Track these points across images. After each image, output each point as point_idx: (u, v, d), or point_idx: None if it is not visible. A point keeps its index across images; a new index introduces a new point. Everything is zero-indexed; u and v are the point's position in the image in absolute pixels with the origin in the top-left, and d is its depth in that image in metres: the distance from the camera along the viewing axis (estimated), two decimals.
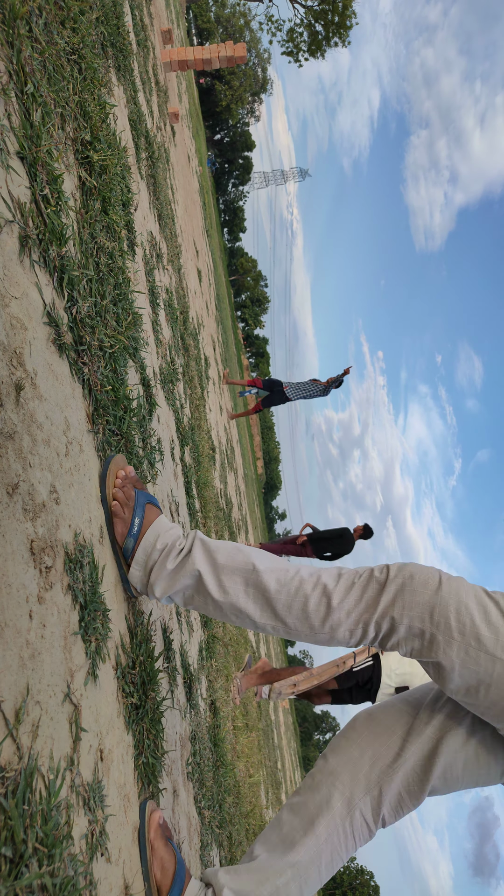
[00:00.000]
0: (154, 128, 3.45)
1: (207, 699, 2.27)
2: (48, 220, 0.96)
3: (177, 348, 2.93)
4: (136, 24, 3.18)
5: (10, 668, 0.63)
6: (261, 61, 42.01)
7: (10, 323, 0.79)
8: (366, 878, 63.67)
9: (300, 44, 19.84)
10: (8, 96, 0.90)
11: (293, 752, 23.40)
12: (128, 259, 1.71)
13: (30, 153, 0.94)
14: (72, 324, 1.03)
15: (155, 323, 2.27)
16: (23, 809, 0.59)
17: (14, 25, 0.96)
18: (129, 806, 0.98)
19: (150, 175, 2.78)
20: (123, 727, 1.01)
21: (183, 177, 5.99)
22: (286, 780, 10.98)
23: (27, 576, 0.71)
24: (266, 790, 4.98)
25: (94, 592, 0.93)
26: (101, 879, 0.80)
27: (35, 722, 0.67)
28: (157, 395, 2.03)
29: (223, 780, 2.24)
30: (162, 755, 1.21)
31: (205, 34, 38.69)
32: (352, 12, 18.03)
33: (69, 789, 0.73)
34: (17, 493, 0.72)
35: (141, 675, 1.13)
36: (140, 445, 1.52)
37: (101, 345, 1.19)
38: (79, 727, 0.79)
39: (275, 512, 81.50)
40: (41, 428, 0.83)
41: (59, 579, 0.81)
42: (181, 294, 3.73)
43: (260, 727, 5.28)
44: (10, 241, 0.83)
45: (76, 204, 1.22)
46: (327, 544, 5.43)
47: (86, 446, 1.04)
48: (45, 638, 0.73)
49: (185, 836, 1.46)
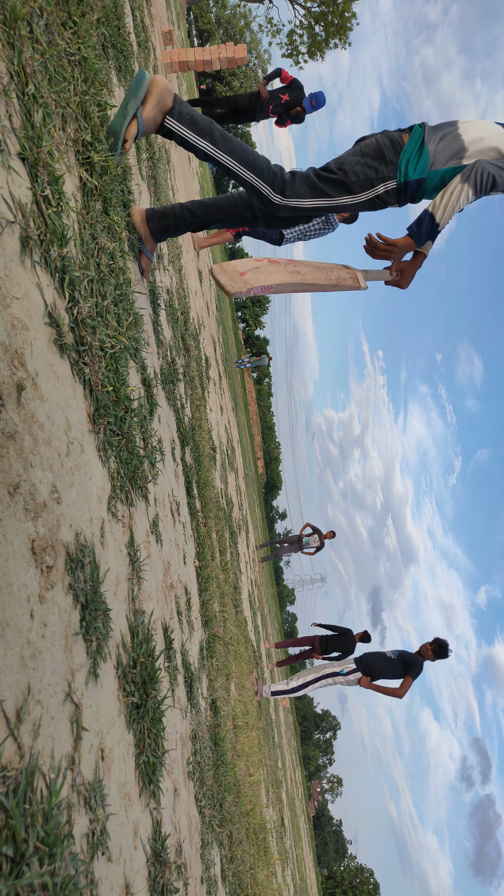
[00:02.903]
0: None
1: (208, 698, 2.27)
2: (49, 220, 0.97)
3: (177, 349, 2.93)
4: (137, 26, 3.18)
5: (11, 667, 0.63)
6: (261, 62, 42.04)
7: (12, 323, 0.79)
8: (365, 877, 63.67)
9: (299, 46, 19.85)
10: (9, 97, 0.91)
11: (293, 750, 23.41)
12: (128, 260, 1.71)
13: (31, 154, 0.94)
14: (73, 324, 1.04)
15: (156, 323, 2.27)
16: (24, 808, 0.60)
17: (15, 26, 0.97)
18: (129, 805, 0.98)
19: (150, 176, 2.78)
20: (124, 726, 1.01)
21: (184, 178, 5.99)
22: (286, 779, 10.98)
23: (28, 575, 0.71)
24: (266, 789, 4.98)
25: (95, 592, 0.93)
26: (102, 878, 0.80)
27: (36, 721, 0.67)
28: (158, 395, 2.03)
29: (223, 779, 2.24)
30: (162, 754, 1.21)
31: (205, 35, 38.70)
32: (352, 14, 18.02)
33: (70, 788, 0.73)
34: (19, 493, 0.72)
35: (142, 674, 1.13)
36: (141, 445, 1.52)
37: (102, 345, 1.19)
38: (80, 726, 0.79)
39: (275, 512, 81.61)
40: (42, 428, 0.83)
41: (60, 579, 0.81)
42: (182, 294, 3.73)
43: (260, 726, 5.28)
44: (11, 241, 0.84)
45: (77, 205, 1.22)
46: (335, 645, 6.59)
47: (87, 446, 1.04)
48: (46, 637, 0.73)
49: (186, 834, 1.46)
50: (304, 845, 21.22)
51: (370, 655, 5.25)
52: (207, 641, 2.48)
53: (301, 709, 79.28)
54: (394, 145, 1.92)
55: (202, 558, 2.64)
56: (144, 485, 1.49)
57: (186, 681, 1.83)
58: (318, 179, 1.91)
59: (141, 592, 1.31)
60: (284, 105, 5.58)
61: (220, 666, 2.77)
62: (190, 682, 1.86)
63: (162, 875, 1.11)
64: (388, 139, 1.94)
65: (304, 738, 77.82)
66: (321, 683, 5.37)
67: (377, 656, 5.20)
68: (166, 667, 1.51)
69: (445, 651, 4.93)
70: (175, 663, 1.66)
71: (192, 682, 1.91)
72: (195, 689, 1.95)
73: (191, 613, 2.16)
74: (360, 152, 1.94)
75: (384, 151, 1.91)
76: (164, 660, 1.50)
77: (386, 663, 5.12)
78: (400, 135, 1.95)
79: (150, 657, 1.21)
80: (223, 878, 1.99)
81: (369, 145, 1.94)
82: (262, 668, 6.47)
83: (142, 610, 1.29)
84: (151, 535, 1.55)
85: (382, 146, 1.92)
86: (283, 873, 5.96)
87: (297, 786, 19.23)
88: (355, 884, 61.61)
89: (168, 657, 1.55)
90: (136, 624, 1.20)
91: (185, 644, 1.91)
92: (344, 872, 63.84)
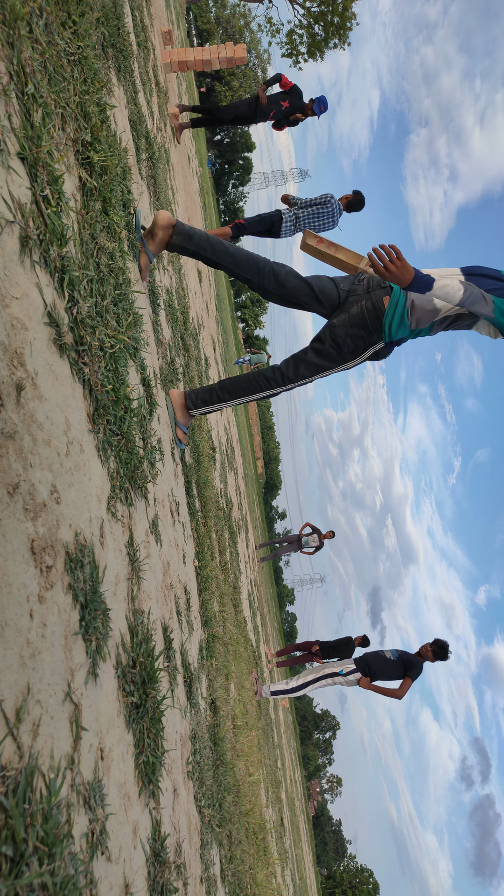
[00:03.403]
0: (154, 129, 3.46)
1: (207, 698, 2.27)
2: (49, 220, 0.97)
3: (177, 348, 2.93)
4: (137, 25, 3.18)
5: (10, 667, 0.64)
6: (260, 62, 42.01)
7: (11, 323, 0.79)
8: (365, 877, 63.71)
9: (299, 46, 19.84)
10: (9, 97, 0.91)
11: (293, 750, 23.42)
12: (128, 259, 1.71)
13: (30, 154, 0.94)
14: (72, 324, 1.04)
15: (155, 323, 2.27)
16: (23, 808, 0.60)
17: (15, 26, 0.97)
18: (129, 805, 0.98)
19: (150, 176, 2.78)
20: (124, 726, 1.01)
21: (183, 178, 5.99)
22: (286, 779, 10.98)
23: (28, 575, 0.71)
24: (266, 789, 4.98)
25: (95, 592, 0.93)
26: (102, 878, 0.80)
27: (35, 721, 0.67)
28: (158, 395, 2.03)
29: (223, 779, 2.24)
30: (162, 754, 1.21)
31: (205, 35, 38.70)
32: (352, 13, 18.02)
33: (69, 788, 0.73)
34: (18, 493, 0.72)
35: (141, 674, 1.13)
36: (140, 445, 1.52)
37: (102, 345, 1.19)
38: (79, 726, 0.79)
39: (275, 511, 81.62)
40: (42, 428, 0.83)
41: (60, 579, 0.81)
42: (181, 294, 3.73)
43: (260, 726, 5.28)
44: (10, 241, 0.84)
45: (77, 204, 1.22)
46: (337, 652, 6.73)
47: (86, 446, 1.04)
48: (46, 637, 0.73)
49: (185, 834, 1.46)
50: (304, 845, 21.23)
51: (370, 656, 5.25)
52: (207, 641, 2.48)
53: (301, 709, 79.28)
54: (376, 310, 2.12)
55: (202, 558, 2.64)
56: (144, 485, 1.49)
57: (186, 681, 1.83)
58: (316, 356, 2.18)
59: (140, 592, 1.31)
60: (284, 112, 5.55)
61: (220, 666, 2.77)
62: (189, 681, 1.86)
63: (161, 875, 1.11)
64: (371, 304, 2.13)
65: (304, 737, 77.83)
66: (321, 684, 5.37)
67: (377, 657, 5.20)
68: (166, 667, 1.51)
69: (445, 653, 4.93)
70: (174, 663, 1.66)
71: (192, 681, 1.91)
72: (195, 688, 1.95)
73: (190, 613, 2.16)
74: (349, 321, 2.15)
75: (367, 322, 2.13)
76: (164, 659, 1.50)
77: (385, 664, 5.12)
78: (381, 298, 2.12)
79: (150, 657, 1.21)
80: (222, 878, 1.99)
81: (355, 315, 2.15)
82: (261, 668, 6.47)
83: (141, 610, 1.29)
84: (151, 535, 1.55)
85: (365, 317, 2.12)
86: (283, 873, 5.96)
87: (296, 786, 19.23)
88: (355, 884, 61.65)
89: (167, 657, 1.55)
90: (135, 624, 1.20)
91: (184, 644, 1.91)
92: (343, 872, 63.87)
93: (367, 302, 2.12)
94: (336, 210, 5.09)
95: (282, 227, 5.09)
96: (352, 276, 2.23)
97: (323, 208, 5.06)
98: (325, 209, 5.05)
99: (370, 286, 2.16)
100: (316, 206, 5.07)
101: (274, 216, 5.08)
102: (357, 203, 5.14)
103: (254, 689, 5.12)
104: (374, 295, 2.12)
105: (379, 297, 2.10)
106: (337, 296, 2.19)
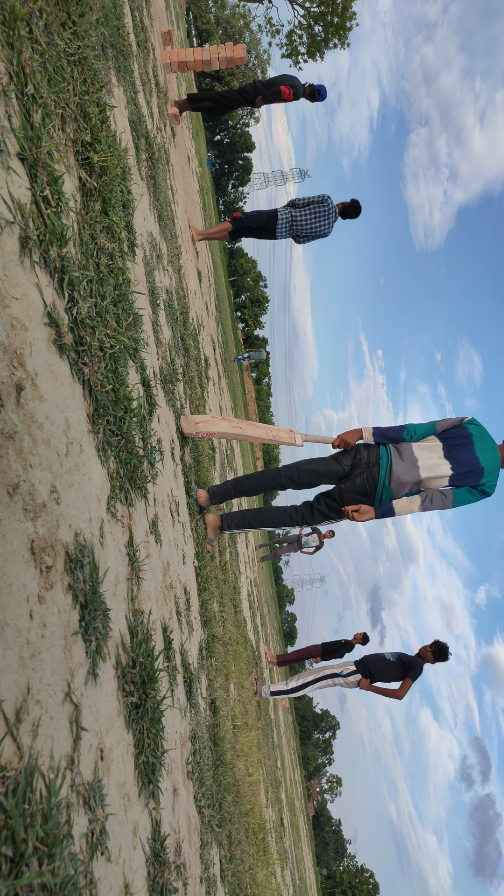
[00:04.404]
0: (154, 129, 3.46)
1: (207, 698, 2.27)
2: (48, 221, 0.97)
3: (177, 349, 2.93)
4: (136, 26, 3.18)
5: (10, 667, 0.64)
6: (260, 63, 42.04)
7: (11, 324, 0.79)
8: (365, 877, 63.70)
9: (299, 46, 19.84)
10: (8, 97, 0.91)
11: (293, 750, 23.40)
12: (128, 260, 1.71)
13: (30, 154, 0.94)
14: (72, 324, 1.04)
15: (155, 323, 2.27)
16: (23, 808, 0.60)
17: (14, 27, 0.97)
18: (129, 805, 0.98)
19: (150, 176, 2.78)
20: (123, 726, 1.01)
21: (183, 178, 5.99)
22: (286, 779, 10.98)
23: (27, 575, 0.71)
24: (265, 789, 4.98)
25: (95, 592, 0.93)
26: (102, 878, 0.80)
27: (35, 721, 0.67)
28: (158, 395, 2.03)
29: (223, 779, 2.24)
30: (162, 754, 1.21)
31: (204, 35, 38.72)
32: (351, 14, 18.02)
33: (69, 788, 0.73)
34: (18, 493, 0.72)
35: (141, 674, 1.13)
36: (140, 445, 1.52)
37: (102, 345, 1.19)
38: (79, 726, 0.79)
39: None
40: (41, 428, 0.83)
41: (60, 579, 0.81)
42: (181, 295, 3.73)
43: (259, 726, 5.28)
44: (10, 242, 0.84)
45: (76, 205, 1.22)
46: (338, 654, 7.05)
47: (86, 446, 1.04)
48: (46, 637, 0.73)
49: (185, 834, 1.46)
50: (304, 845, 21.22)
51: (370, 658, 5.25)
52: (206, 641, 2.48)
53: (300, 709, 79.25)
54: (374, 481, 2.75)
55: (201, 558, 2.64)
56: (144, 485, 1.50)
57: (185, 681, 1.83)
58: (328, 509, 2.87)
59: (140, 592, 1.31)
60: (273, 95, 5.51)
61: (220, 666, 2.77)
62: (189, 682, 1.86)
63: (161, 875, 1.11)
64: (371, 477, 2.75)
65: (304, 737, 77.80)
66: (321, 684, 5.36)
67: (377, 658, 5.20)
68: (165, 667, 1.51)
69: (445, 654, 4.93)
70: (174, 663, 1.66)
71: (192, 682, 1.91)
72: (194, 689, 1.95)
73: (190, 613, 2.16)
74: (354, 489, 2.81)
75: (367, 489, 2.76)
76: (164, 660, 1.50)
77: (385, 665, 5.12)
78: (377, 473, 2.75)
79: (150, 657, 1.21)
80: (222, 878, 1.99)
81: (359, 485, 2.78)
82: (261, 668, 6.47)
83: (141, 610, 1.29)
84: (151, 535, 1.55)
85: (366, 487, 2.75)
86: (283, 873, 5.96)
87: (296, 786, 19.23)
88: (355, 884, 61.64)
89: (167, 657, 1.55)
90: (135, 624, 1.20)
91: (184, 644, 1.91)
92: (343, 872, 63.86)
93: (367, 475, 2.76)
94: (332, 212, 5.11)
95: (277, 226, 5.13)
96: (350, 451, 2.85)
97: (320, 207, 5.07)
98: (321, 208, 5.07)
99: (369, 461, 2.78)
100: (313, 206, 5.09)
101: (271, 213, 5.12)
102: (353, 210, 5.16)
103: (253, 689, 5.12)
104: (372, 470, 2.76)
105: (375, 472, 2.75)
106: (341, 470, 2.83)
